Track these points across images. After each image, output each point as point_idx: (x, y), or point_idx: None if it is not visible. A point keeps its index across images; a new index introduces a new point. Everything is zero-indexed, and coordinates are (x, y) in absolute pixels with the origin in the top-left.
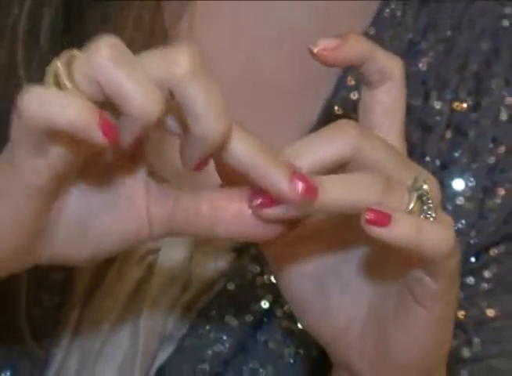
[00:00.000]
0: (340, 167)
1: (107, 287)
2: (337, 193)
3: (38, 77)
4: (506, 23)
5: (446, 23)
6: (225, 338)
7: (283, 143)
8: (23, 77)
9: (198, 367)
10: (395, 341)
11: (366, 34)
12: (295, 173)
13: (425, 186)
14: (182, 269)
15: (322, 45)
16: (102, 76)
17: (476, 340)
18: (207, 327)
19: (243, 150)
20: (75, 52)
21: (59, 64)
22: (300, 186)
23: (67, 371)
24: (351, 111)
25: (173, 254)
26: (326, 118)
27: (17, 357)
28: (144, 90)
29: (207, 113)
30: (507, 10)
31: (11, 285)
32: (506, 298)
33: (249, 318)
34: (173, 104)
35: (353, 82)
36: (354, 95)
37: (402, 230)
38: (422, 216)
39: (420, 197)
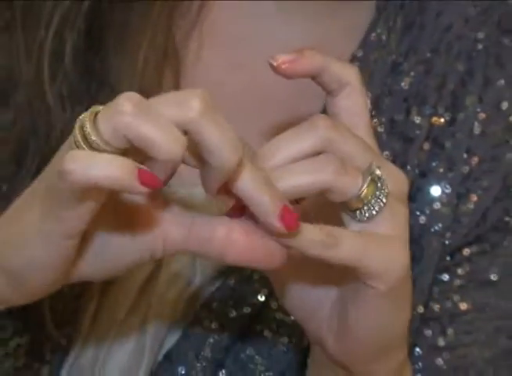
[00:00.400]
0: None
1: (121, 281)
2: (290, 180)
3: (62, 93)
4: (479, 46)
5: (426, 47)
6: (225, 327)
7: None
8: (49, 92)
9: (201, 353)
10: (353, 319)
11: (355, 56)
12: (284, 208)
13: (378, 172)
14: (187, 266)
15: (281, 59)
16: (128, 131)
17: (450, 330)
18: (209, 318)
19: (246, 182)
20: (100, 107)
21: (86, 120)
22: (286, 220)
23: (85, 356)
24: None
25: (178, 253)
26: None
27: (40, 344)
28: (168, 136)
29: (221, 147)
30: (480, 35)
31: None
32: (476, 293)
33: (246, 310)
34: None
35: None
36: None
37: (347, 252)
38: (373, 201)
39: (373, 182)
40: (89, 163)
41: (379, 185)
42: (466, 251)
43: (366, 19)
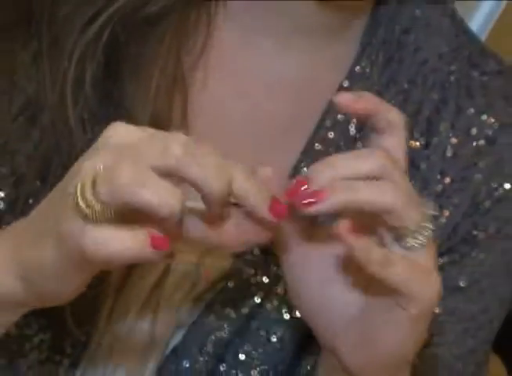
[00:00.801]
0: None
1: (133, 284)
2: (358, 193)
3: (83, 116)
4: (452, 78)
5: (404, 79)
6: (225, 326)
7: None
8: (71, 115)
9: (204, 349)
10: (377, 335)
11: (341, 86)
12: (273, 199)
13: (432, 212)
14: (192, 271)
15: (344, 98)
16: (126, 196)
17: None
18: (212, 317)
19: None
20: (99, 170)
21: (87, 183)
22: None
23: (102, 351)
24: (329, 147)
25: (185, 259)
26: (308, 153)
27: (61, 340)
28: (165, 196)
29: (205, 182)
30: (452, 69)
31: None
32: (447, 299)
33: (244, 310)
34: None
35: (329, 124)
36: (331, 135)
37: (397, 274)
38: (421, 234)
39: (428, 218)
40: (107, 243)
41: (429, 222)
42: (438, 261)
43: (351, 53)
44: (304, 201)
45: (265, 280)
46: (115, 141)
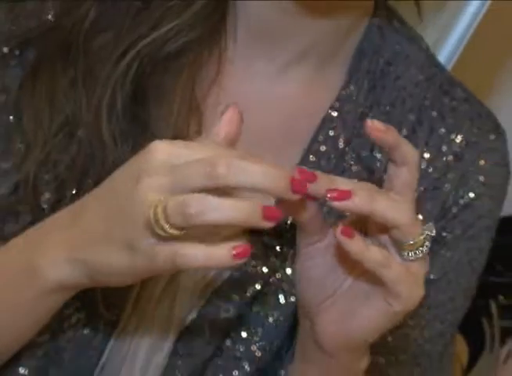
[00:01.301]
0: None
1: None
2: (375, 204)
3: (114, 134)
4: (426, 103)
5: (386, 102)
6: (231, 308)
7: None
8: (105, 132)
9: (212, 327)
10: (360, 319)
11: (333, 106)
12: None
13: (431, 233)
14: None
15: (375, 126)
16: (198, 221)
17: None
18: (219, 301)
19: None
20: (165, 200)
21: (158, 213)
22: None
23: (129, 329)
24: (321, 159)
25: None
26: (304, 164)
27: (95, 320)
28: (239, 213)
29: (264, 185)
30: (427, 94)
31: None
32: None
33: (247, 295)
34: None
35: (322, 139)
36: (323, 148)
37: (393, 275)
38: (419, 250)
39: (427, 238)
40: (210, 255)
41: (427, 241)
42: None
43: (340, 79)
44: (332, 194)
45: (265, 270)
46: (162, 158)
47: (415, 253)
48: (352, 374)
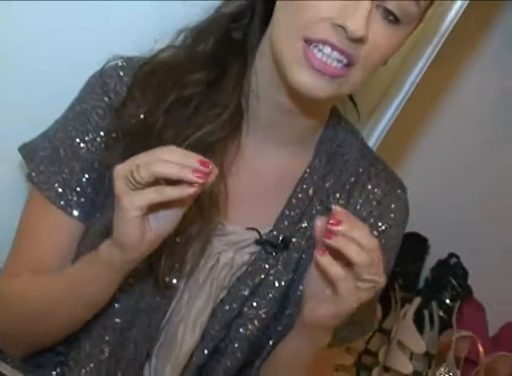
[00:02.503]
0: None
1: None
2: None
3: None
4: (361, 170)
5: (337, 170)
6: (246, 288)
7: (267, 220)
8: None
9: (235, 300)
10: (322, 312)
11: (305, 171)
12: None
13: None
14: (231, 260)
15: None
16: (144, 169)
17: None
18: (240, 285)
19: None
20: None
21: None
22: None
23: (184, 300)
24: (299, 202)
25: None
26: (289, 204)
27: (162, 291)
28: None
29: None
30: (361, 165)
31: (153, 254)
32: None
33: (256, 281)
34: None
35: (299, 189)
36: (300, 195)
37: (341, 285)
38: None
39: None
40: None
41: (379, 284)
42: None
43: (310, 155)
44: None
45: (266, 266)
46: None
47: (365, 286)
48: (318, 344)
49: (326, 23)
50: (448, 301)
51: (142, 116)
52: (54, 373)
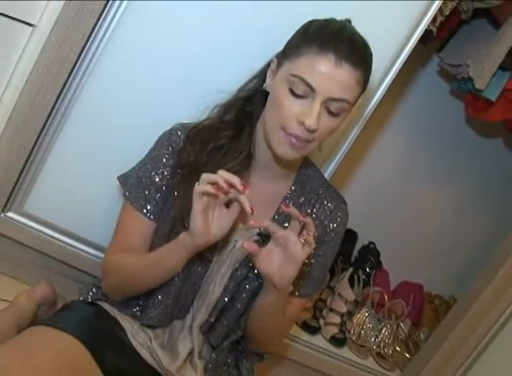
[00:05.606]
0: None
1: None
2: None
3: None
4: (321, 193)
5: (308, 193)
6: (244, 268)
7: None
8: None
9: (237, 281)
10: (286, 272)
11: (287, 193)
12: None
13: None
14: (237, 250)
15: (290, 209)
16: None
17: None
18: (241, 267)
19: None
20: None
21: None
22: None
23: (214, 267)
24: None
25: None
26: (278, 214)
27: (201, 261)
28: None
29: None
30: (321, 190)
31: None
32: (316, 258)
33: (250, 265)
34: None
35: (285, 203)
36: (286, 207)
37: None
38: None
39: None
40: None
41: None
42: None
43: (290, 183)
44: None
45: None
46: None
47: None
48: (285, 294)
49: (295, 118)
50: (368, 270)
51: (191, 159)
52: (135, 309)
